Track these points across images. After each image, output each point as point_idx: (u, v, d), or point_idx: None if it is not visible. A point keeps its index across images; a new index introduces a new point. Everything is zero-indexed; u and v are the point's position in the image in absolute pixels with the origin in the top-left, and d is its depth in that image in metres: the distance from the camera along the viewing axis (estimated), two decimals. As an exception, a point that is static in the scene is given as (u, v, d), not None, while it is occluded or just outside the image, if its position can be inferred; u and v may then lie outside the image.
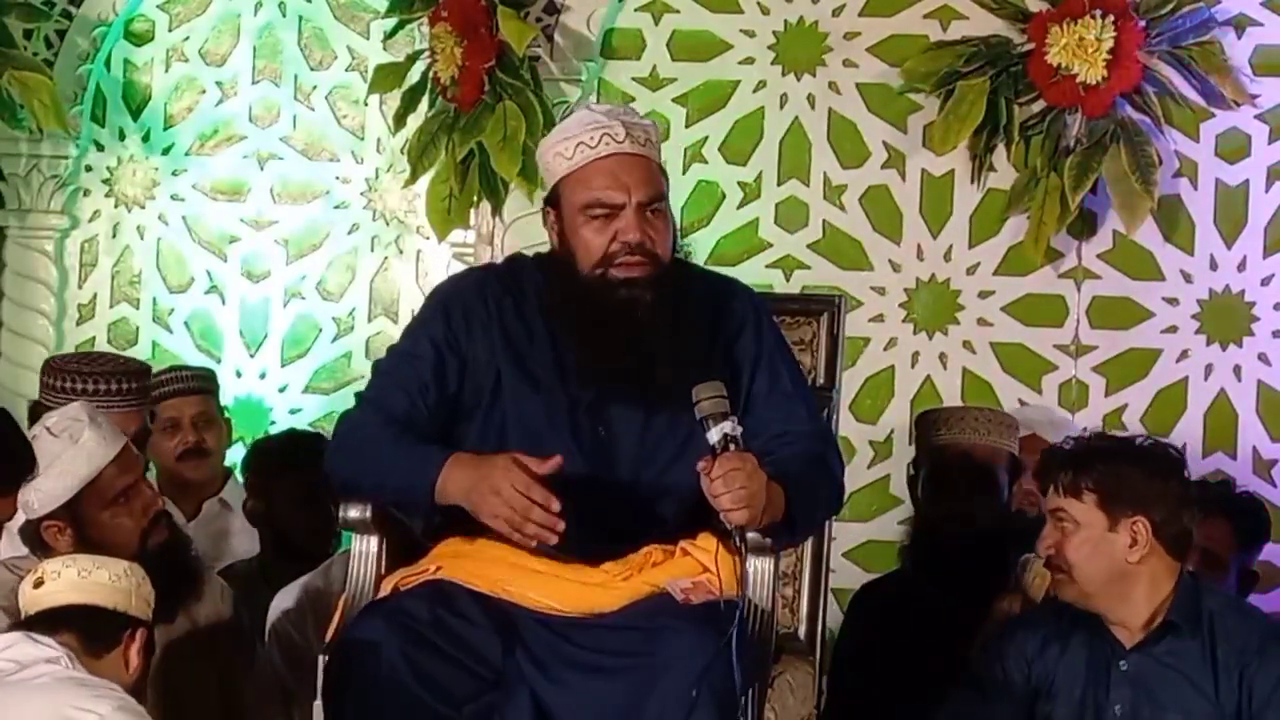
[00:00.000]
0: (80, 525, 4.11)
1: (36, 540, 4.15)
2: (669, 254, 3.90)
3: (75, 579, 3.71)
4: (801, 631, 4.25)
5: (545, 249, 4.01)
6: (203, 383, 5.49)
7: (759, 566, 3.89)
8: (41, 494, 4.11)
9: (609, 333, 3.84)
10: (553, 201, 3.92)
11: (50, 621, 3.67)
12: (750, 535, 3.80)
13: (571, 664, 3.72)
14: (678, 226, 3.98)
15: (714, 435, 3.69)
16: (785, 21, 5.89)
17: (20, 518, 4.18)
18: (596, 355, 3.84)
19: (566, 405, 3.87)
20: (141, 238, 6.43)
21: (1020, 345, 5.74)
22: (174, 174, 6.42)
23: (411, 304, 6.23)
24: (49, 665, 3.56)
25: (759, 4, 5.90)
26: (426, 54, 5.96)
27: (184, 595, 4.01)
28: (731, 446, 3.69)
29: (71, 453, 4.11)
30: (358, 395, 4.05)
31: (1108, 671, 4.10)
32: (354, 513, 4.03)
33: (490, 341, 3.92)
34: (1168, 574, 4.08)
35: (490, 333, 3.92)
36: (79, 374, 4.78)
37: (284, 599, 4.79)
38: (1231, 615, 4.10)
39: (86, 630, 3.66)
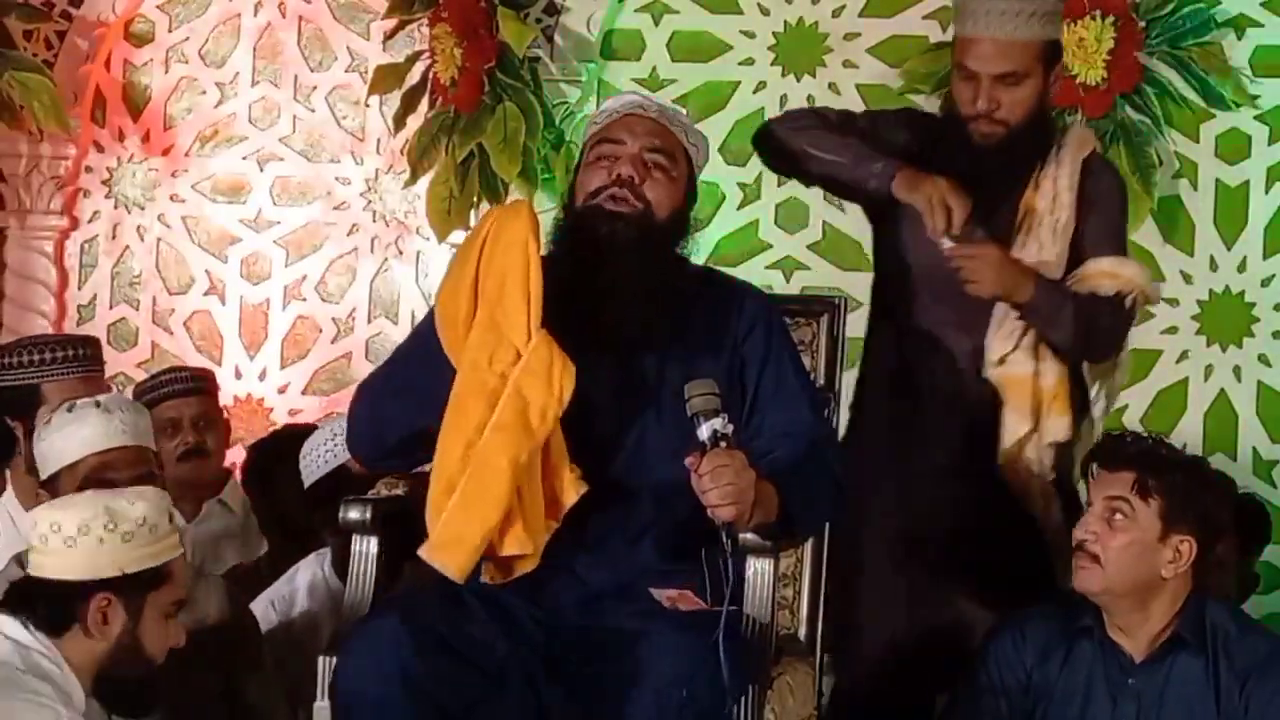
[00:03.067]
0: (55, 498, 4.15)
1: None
2: (665, 213, 3.91)
3: (39, 547, 3.63)
4: (801, 633, 4.25)
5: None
6: (202, 383, 5.49)
7: (758, 567, 3.90)
8: (39, 457, 4.19)
9: (585, 264, 3.85)
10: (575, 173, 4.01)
11: (18, 601, 3.62)
12: (748, 535, 3.82)
13: (567, 663, 3.73)
14: (691, 214, 4.01)
15: (704, 431, 3.70)
16: (785, 22, 5.90)
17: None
18: (569, 288, 3.85)
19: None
20: (141, 239, 6.43)
21: (1021, 346, 5.74)
22: (174, 175, 6.42)
23: (411, 305, 6.24)
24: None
25: (759, 5, 5.91)
26: (426, 55, 5.97)
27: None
28: (722, 444, 3.71)
29: (70, 430, 4.16)
30: None
31: (1114, 686, 4.09)
32: (354, 514, 4.04)
33: None
34: (1184, 592, 4.08)
35: None
36: (29, 347, 4.80)
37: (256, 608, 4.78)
38: (1235, 632, 4.09)
39: (37, 612, 3.59)
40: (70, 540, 3.59)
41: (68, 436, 4.16)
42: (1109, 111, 5.54)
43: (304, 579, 4.81)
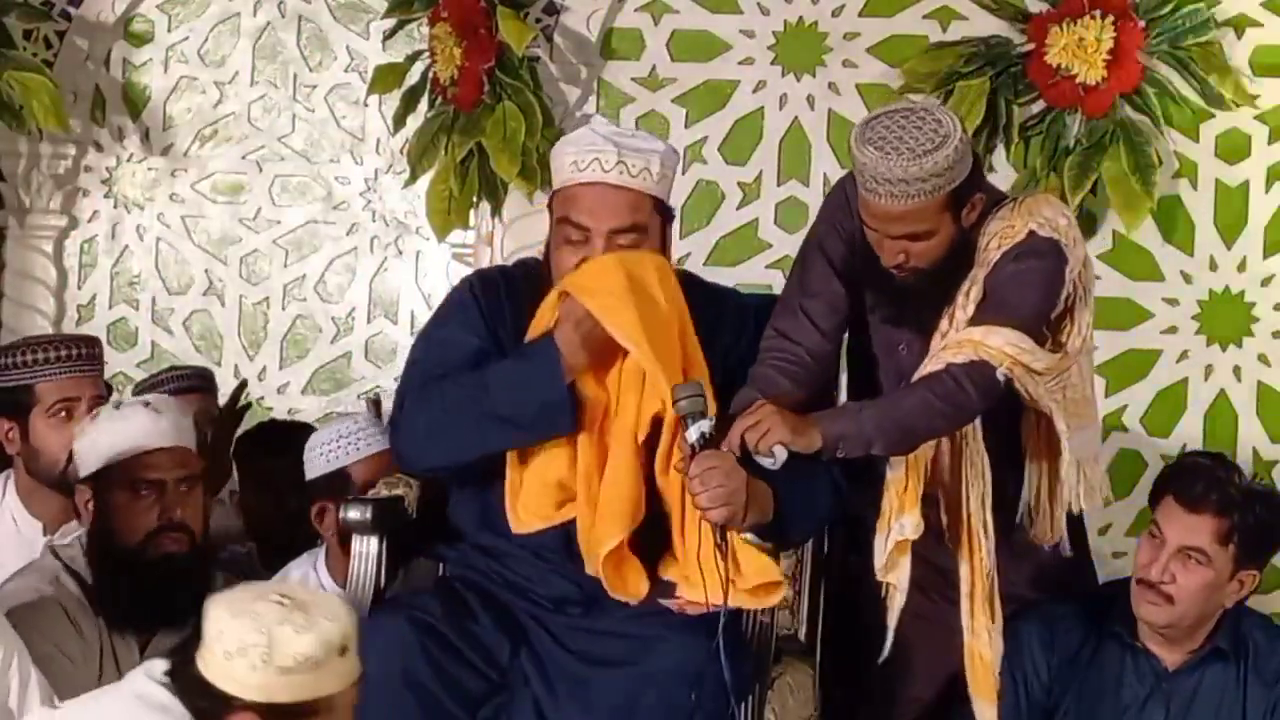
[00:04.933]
0: (99, 498, 4.15)
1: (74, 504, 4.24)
2: None
3: (206, 639, 3.45)
4: (802, 633, 4.25)
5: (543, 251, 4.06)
6: (202, 381, 5.51)
7: (759, 568, 3.90)
8: (79, 454, 4.19)
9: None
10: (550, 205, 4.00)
11: (178, 683, 3.57)
12: (748, 537, 3.82)
13: (567, 669, 3.73)
14: (668, 241, 4.00)
15: (692, 434, 3.71)
16: (785, 22, 5.89)
17: None
18: None
19: None
20: (141, 238, 6.43)
21: (1020, 346, 5.73)
22: (173, 174, 6.42)
23: (411, 305, 6.23)
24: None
25: (759, 4, 5.90)
26: (426, 54, 5.96)
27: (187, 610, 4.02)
28: (711, 445, 3.72)
29: (117, 426, 4.16)
30: (401, 393, 4.05)
31: (1144, 690, 4.09)
32: (354, 514, 4.04)
33: (504, 337, 3.96)
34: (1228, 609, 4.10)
35: (504, 329, 3.96)
36: (24, 347, 4.80)
37: None
38: (1265, 643, 4.11)
39: (193, 705, 3.47)
40: (228, 655, 3.41)
41: (114, 433, 4.16)
42: (1109, 111, 5.53)
43: (296, 576, 4.80)
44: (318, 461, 4.74)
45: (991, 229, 4.04)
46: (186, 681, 3.46)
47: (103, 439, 4.17)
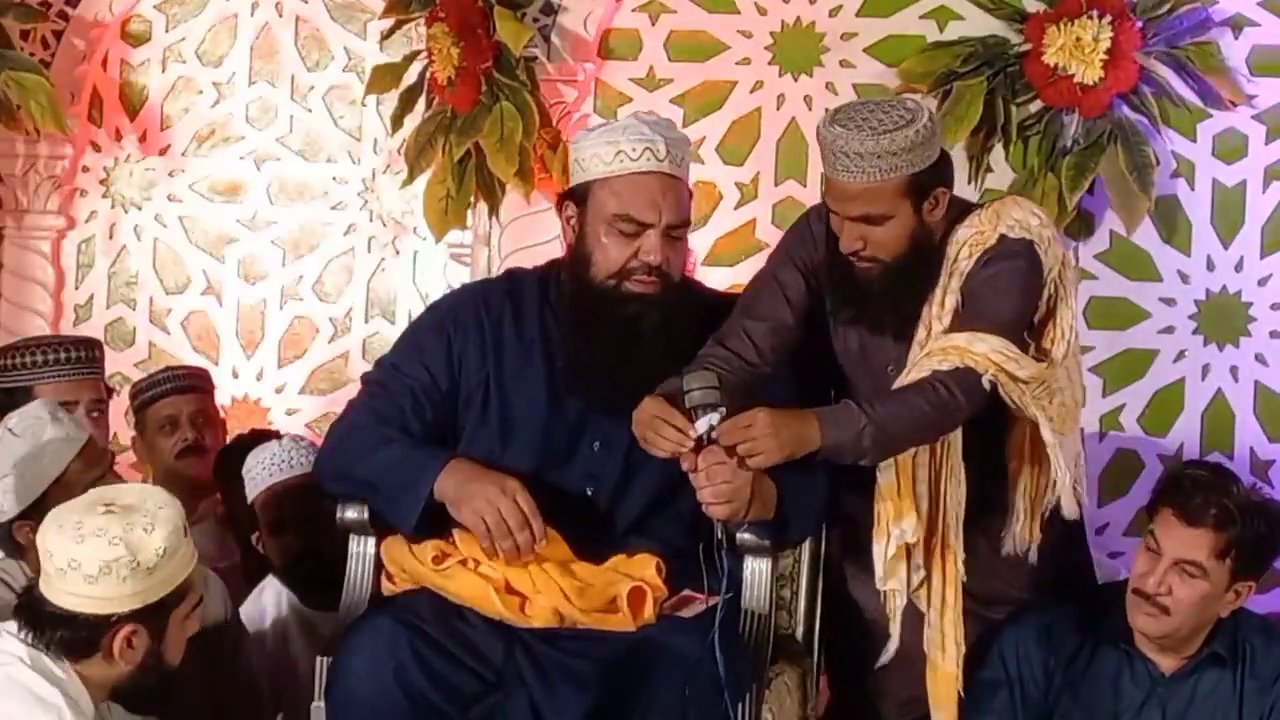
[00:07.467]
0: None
1: (9, 542, 4.12)
2: (680, 271, 3.94)
3: (54, 575, 3.58)
4: (799, 633, 4.25)
5: (541, 250, 4.06)
6: (199, 381, 5.50)
7: (756, 567, 3.90)
8: (10, 495, 4.08)
9: (611, 345, 3.86)
10: (577, 197, 3.95)
11: (33, 625, 3.62)
12: (745, 535, 3.82)
13: (563, 670, 3.73)
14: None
15: (701, 426, 3.72)
16: (782, 22, 5.89)
17: None
18: (593, 364, 3.87)
19: (560, 419, 3.91)
20: (138, 238, 6.43)
21: (1018, 345, 5.72)
22: (171, 175, 6.42)
23: (409, 305, 6.23)
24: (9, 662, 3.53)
25: (756, 4, 5.90)
26: (423, 54, 5.96)
27: None
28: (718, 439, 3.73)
29: (35, 451, 4.09)
30: (350, 404, 4.09)
31: (1141, 694, 4.09)
32: (351, 514, 4.05)
33: (483, 355, 3.95)
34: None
35: (484, 347, 3.96)
36: (24, 349, 4.78)
37: None
38: (1263, 645, 4.11)
39: (63, 639, 3.58)
40: (91, 579, 3.52)
41: (39, 455, 4.08)
42: (1106, 111, 5.53)
43: (270, 597, 4.79)
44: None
45: (961, 236, 4.04)
46: (44, 619, 3.55)
47: (33, 473, 4.08)
